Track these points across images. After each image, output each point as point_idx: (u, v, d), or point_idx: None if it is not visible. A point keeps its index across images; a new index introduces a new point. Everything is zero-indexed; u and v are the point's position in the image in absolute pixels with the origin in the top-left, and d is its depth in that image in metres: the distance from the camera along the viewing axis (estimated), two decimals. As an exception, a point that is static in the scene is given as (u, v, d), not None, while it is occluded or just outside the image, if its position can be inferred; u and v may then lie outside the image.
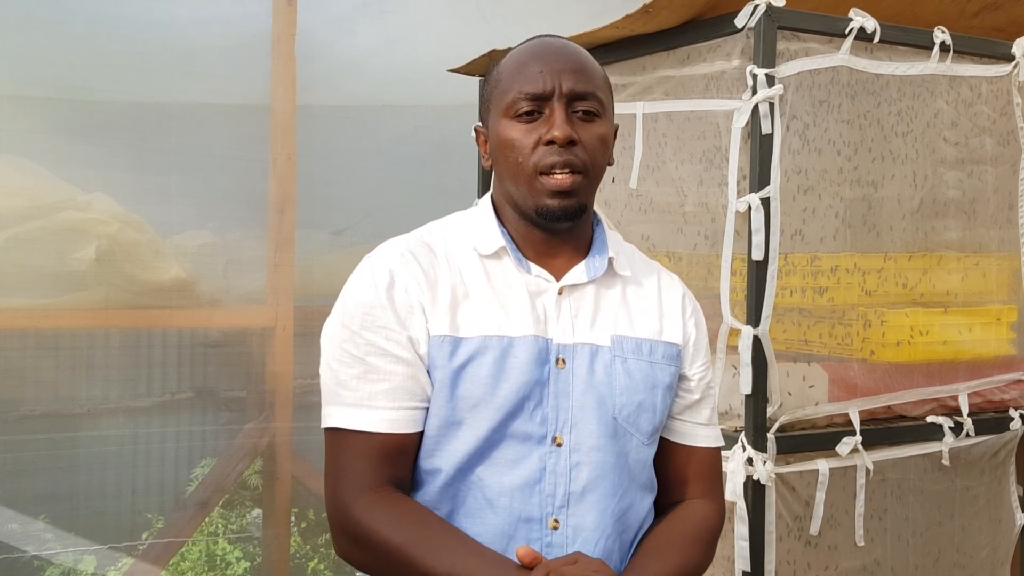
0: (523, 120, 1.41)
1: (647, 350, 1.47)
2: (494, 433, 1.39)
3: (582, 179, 1.41)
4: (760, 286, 1.98)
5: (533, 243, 1.46)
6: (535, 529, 1.39)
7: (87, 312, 2.93)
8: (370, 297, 1.41)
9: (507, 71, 1.46)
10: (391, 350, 1.39)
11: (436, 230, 1.49)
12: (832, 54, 2.06)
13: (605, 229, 1.53)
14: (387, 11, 3.48)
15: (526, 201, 1.42)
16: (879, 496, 2.16)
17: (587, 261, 1.47)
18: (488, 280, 1.44)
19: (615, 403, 1.43)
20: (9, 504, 2.96)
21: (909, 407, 2.21)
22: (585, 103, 1.42)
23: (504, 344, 1.40)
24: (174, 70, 3.08)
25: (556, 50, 1.45)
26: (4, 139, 2.89)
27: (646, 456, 1.48)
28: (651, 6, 2.09)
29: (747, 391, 1.98)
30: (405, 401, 1.40)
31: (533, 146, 1.40)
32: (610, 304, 1.48)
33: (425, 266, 1.42)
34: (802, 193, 2.06)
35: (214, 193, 3.10)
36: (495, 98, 1.47)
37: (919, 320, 2.17)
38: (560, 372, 1.42)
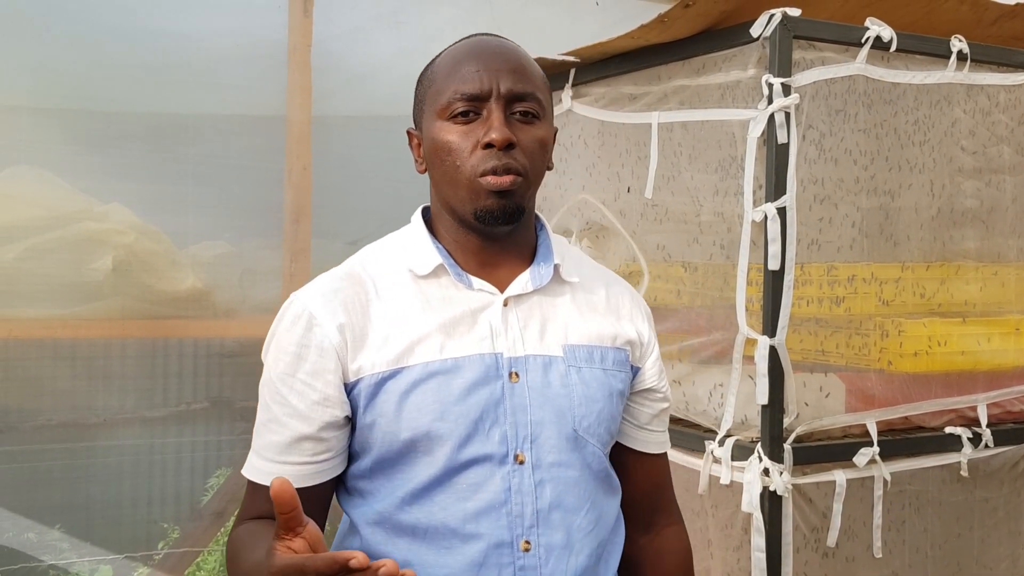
0: (459, 122, 1.35)
1: (599, 357, 1.43)
2: (452, 460, 1.34)
3: (522, 181, 1.35)
4: (776, 296, 1.97)
5: (474, 253, 1.41)
6: (506, 553, 1.34)
7: (104, 322, 2.95)
8: (286, 343, 1.37)
9: (442, 70, 1.39)
10: (293, 402, 1.35)
11: (368, 257, 1.44)
12: (848, 63, 2.05)
13: (549, 234, 1.48)
14: (402, 22, 3.49)
15: (464, 205, 1.36)
16: (897, 507, 2.15)
17: (532, 269, 1.42)
18: (426, 302, 1.38)
19: (574, 414, 1.39)
20: (26, 513, 2.97)
21: (927, 418, 2.19)
22: (524, 104, 1.37)
23: (449, 367, 1.35)
24: (190, 81, 3.09)
25: (494, 50, 1.39)
26: (22, 150, 2.91)
27: (606, 464, 1.45)
28: (666, 16, 2.09)
29: (764, 401, 1.97)
30: (295, 456, 1.36)
31: (471, 149, 1.35)
32: (559, 312, 1.43)
33: (351, 304, 1.37)
34: (818, 203, 2.05)
35: (230, 203, 3.12)
36: (429, 99, 1.40)
37: (937, 330, 2.16)
38: (515, 386, 1.37)
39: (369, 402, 1.35)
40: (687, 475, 2.18)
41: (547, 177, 2.69)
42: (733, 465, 2.02)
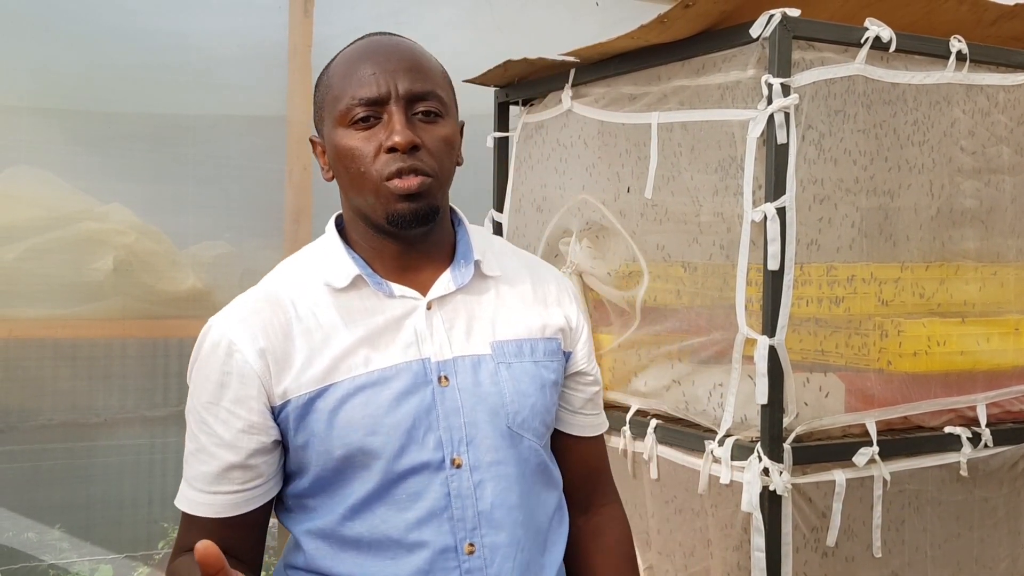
0: (360, 127, 1.33)
1: (528, 350, 1.43)
2: (388, 472, 1.33)
3: (430, 182, 1.33)
4: (776, 296, 1.98)
5: (392, 259, 1.39)
6: (451, 558, 1.34)
7: (104, 322, 2.96)
8: (208, 371, 1.34)
9: (337, 75, 1.37)
10: (219, 431, 1.33)
11: (285, 274, 1.41)
12: (848, 63, 2.05)
13: (468, 229, 1.46)
14: (403, 22, 3.49)
15: (375, 211, 1.34)
16: (896, 507, 2.15)
17: (452, 268, 1.41)
18: (348, 316, 1.36)
19: (507, 411, 1.38)
20: (26, 513, 2.97)
21: (926, 417, 2.19)
22: (425, 103, 1.34)
23: (376, 379, 1.34)
24: (191, 81, 3.10)
25: (388, 49, 1.36)
26: (22, 150, 2.91)
27: (544, 456, 1.45)
28: (666, 16, 2.09)
29: (763, 401, 1.97)
30: (225, 486, 1.34)
31: (375, 154, 1.33)
32: (484, 309, 1.42)
33: (270, 327, 1.34)
34: (818, 203, 2.06)
35: (230, 203, 3.13)
36: (328, 106, 1.37)
37: (936, 330, 2.16)
38: (445, 390, 1.36)
39: (299, 424, 1.33)
40: (687, 475, 2.18)
41: (547, 177, 2.71)
42: (733, 465, 2.02)
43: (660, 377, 2.29)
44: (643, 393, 2.35)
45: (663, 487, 2.27)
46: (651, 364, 2.33)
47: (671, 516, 2.26)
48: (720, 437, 2.07)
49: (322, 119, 1.40)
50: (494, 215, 2.91)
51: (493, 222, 2.91)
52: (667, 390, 2.27)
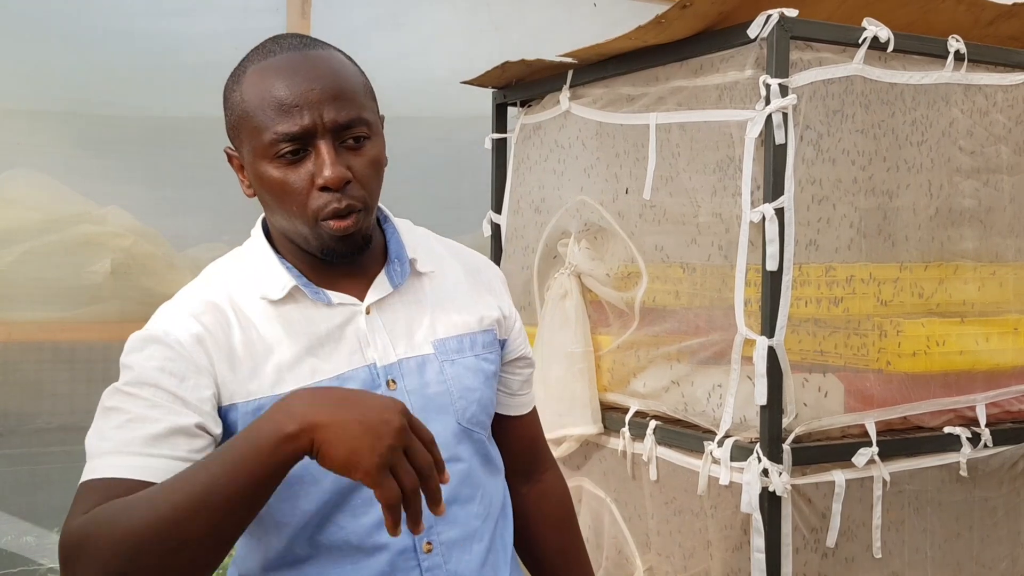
0: (287, 161, 1.28)
1: (468, 344, 1.43)
2: (340, 480, 1.29)
3: (363, 214, 1.31)
4: (775, 297, 1.97)
5: (325, 268, 1.36)
6: (411, 558, 1.35)
7: (103, 325, 2.96)
8: (143, 366, 1.25)
9: (255, 99, 1.29)
10: (158, 400, 1.23)
11: (218, 284, 1.35)
12: (846, 64, 2.05)
13: (396, 227, 1.44)
14: (401, 24, 3.50)
15: (309, 243, 1.32)
16: (896, 508, 2.15)
17: (387, 270, 1.40)
18: (288, 327, 1.33)
19: (456, 408, 1.39)
20: (25, 517, 2.97)
21: (926, 418, 2.19)
22: (352, 131, 1.30)
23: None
24: (188, 83, 3.10)
25: (308, 72, 1.28)
26: (20, 153, 2.91)
27: (488, 446, 1.46)
28: (663, 17, 2.09)
29: (762, 402, 1.97)
30: (163, 448, 1.21)
31: (306, 190, 1.28)
32: (422, 308, 1.41)
33: (215, 330, 1.29)
34: (816, 203, 2.05)
35: (228, 205, 3.11)
36: (247, 133, 1.31)
37: (935, 330, 2.16)
38: (394, 394, 1.34)
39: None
40: (686, 476, 2.18)
41: (545, 178, 2.71)
42: (732, 466, 2.02)
43: (659, 378, 2.29)
44: (642, 394, 2.34)
45: (662, 488, 2.26)
46: (650, 365, 2.33)
47: (671, 517, 2.25)
48: (719, 438, 2.07)
49: (240, 141, 1.34)
50: (492, 216, 2.91)
51: (491, 223, 2.91)
52: (666, 391, 2.27)
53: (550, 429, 2.47)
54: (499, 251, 2.89)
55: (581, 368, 2.44)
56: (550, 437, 2.48)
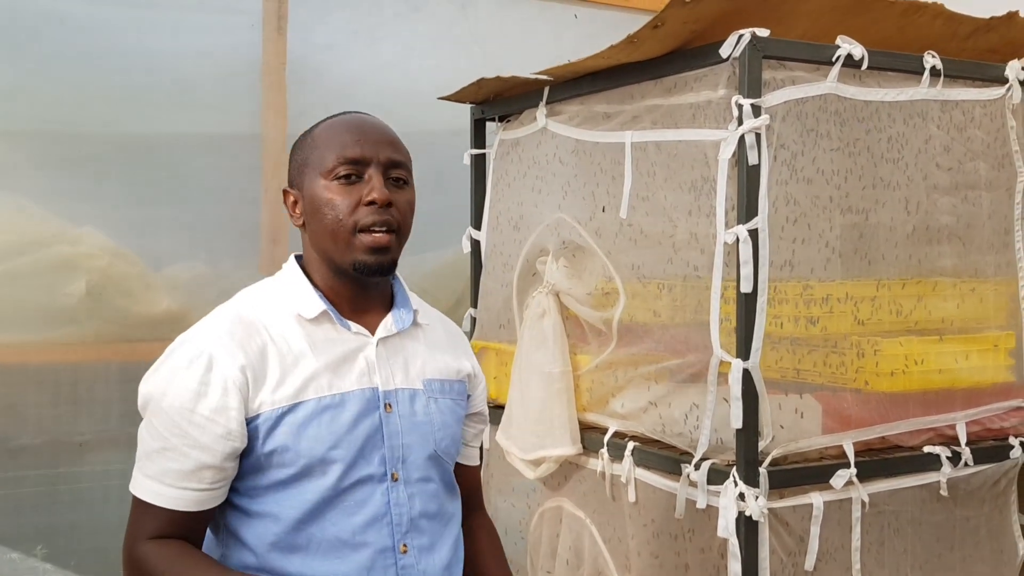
0: (343, 183, 1.57)
1: (448, 388, 1.71)
2: (341, 481, 1.55)
3: (396, 238, 1.59)
4: (750, 318, 1.95)
5: (347, 300, 1.63)
6: (389, 556, 1.58)
7: (79, 346, 2.93)
8: (186, 380, 1.51)
9: (324, 139, 1.61)
10: (194, 435, 1.50)
11: (254, 301, 1.61)
12: (819, 82, 2.03)
13: (402, 283, 1.72)
14: (379, 37, 3.47)
15: (343, 257, 1.58)
16: (876, 529, 2.13)
17: (394, 314, 1.67)
18: (313, 344, 1.58)
19: (435, 438, 1.66)
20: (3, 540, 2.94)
21: (905, 437, 2.17)
22: (397, 171, 1.61)
23: (337, 401, 1.56)
24: (163, 101, 3.07)
25: (373, 125, 1.63)
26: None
27: (452, 475, 1.73)
28: (635, 36, 2.07)
29: (738, 425, 1.95)
30: (195, 484, 1.51)
31: (353, 207, 1.56)
32: (417, 351, 1.68)
33: (246, 346, 1.53)
34: (791, 223, 2.03)
35: (205, 224, 3.09)
36: (313, 162, 1.60)
37: (914, 349, 2.14)
38: (389, 416, 1.61)
39: (269, 434, 1.53)
40: (664, 498, 2.16)
41: (524, 194, 2.68)
42: (709, 489, 2.00)
43: (637, 399, 2.27)
44: (620, 415, 2.32)
45: (641, 510, 2.24)
46: (628, 385, 2.31)
47: (650, 539, 2.23)
48: (696, 461, 2.05)
49: (303, 173, 1.62)
50: (472, 233, 2.88)
51: (471, 240, 2.89)
52: (644, 412, 2.25)
53: (529, 450, 2.45)
54: (479, 267, 2.87)
55: (559, 388, 2.42)
56: (528, 458, 2.46)
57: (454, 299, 3.49)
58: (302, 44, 3.25)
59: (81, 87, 2.97)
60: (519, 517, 2.74)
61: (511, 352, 2.62)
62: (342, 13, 3.40)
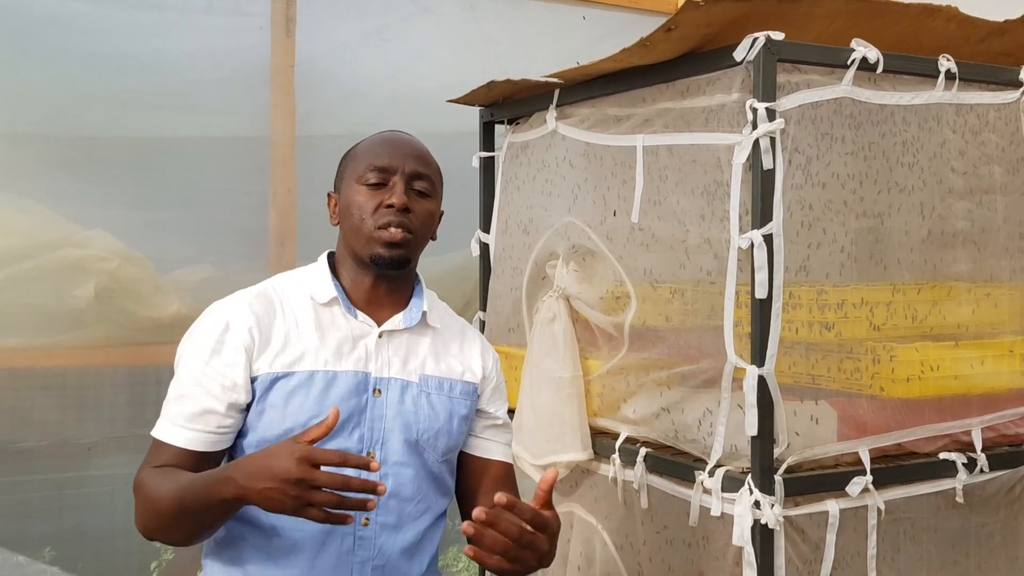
0: (371, 187, 1.78)
1: (448, 387, 1.86)
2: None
3: (411, 237, 1.78)
4: (764, 325, 1.93)
5: (364, 291, 1.83)
6: (350, 526, 1.67)
7: (87, 350, 2.91)
8: (207, 338, 1.73)
9: (362, 150, 1.84)
10: (206, 384, 1.71)
11: (279, 282, 1.85)
12: (834, 86, 2.01)
13: (423, 289, 1.90)
14: (389, 39, 3.46)
15: (364, 249, 1.78)
16: (892, 536, 2.11)
17: (405, 312, 1.84)
18: (319, 324, 1.78)
19: (418, 428, 1.80)
20: (12, 547, 2.92)
21: (920, 444, 2.15)
22: (421, 183, 1.81)
23: (328, 377, 1.74)
24: (172, 104, 3.06)
25: (404, 140, 1.85)
26: (0, 177, 2.86)
27: (442, 469, 1.85)
28: (648, 39, 2.05)
29: (753, 433, 1.93)
30: (200, 425, 1.71)
31: (375, 208, 1.77)
32: (421, 348, 1.85)
33: (260, 316, 1.75)
34: (806, 228, 2.01)
35: (214, 227, 3.08)
36: (349, 169, 1.83)
37: (930, 355, 2.12)
38: (376, 400, 1.78)
39: (263, 394, 1.73)
40: (678, 505, 2.14)
41: (533, 198, 2.67)
42: (723, 497, 1.98)
43: (649, 404, 2.25)
44: (632, 420, 2.30)
45: (654, 516, 2.23)
46: (640, 390, 2.29)
47: (662, 546, 2.22)
48: (710, 467, 2.03)
49: (343, 178, 1.85)
50: (481, 236, 2.87)
51: (480, 243, 2.87)
52: (656, 417, 2.23)
53: (539, 455, 2.44)
54: (488, 271, 2.86)
55: (570, 393, 2.40)
56: (539, 463, 2.45)
57: (462, 302, 3.47)
58: (311, 46, 3.24)
59: (89, 89, 2.96)
60: (529, 522, 2.72)
61: (520, 356, 2.60)
62: (351, 15, 3.38)
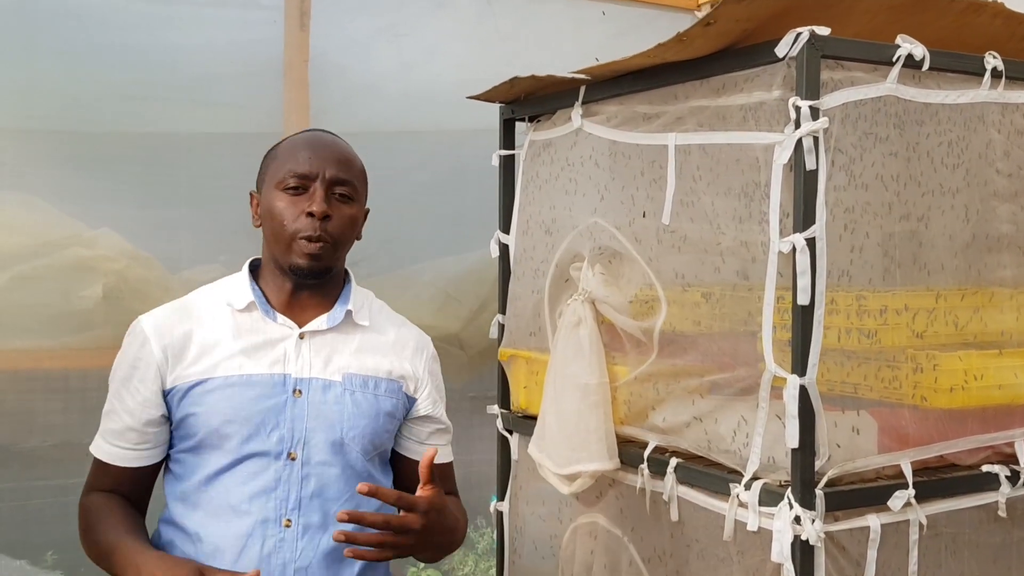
0: (290, 193, 1.80)
1: (372, 385, 1.88)
2: (237, 452, 1.77)
3: (330, 247, 1.81)
4: (806, 332, 1.85)
5: (285, 295, 1.86)
6: (271, 527, 1.77)
7: (95, 352, 2.82)
8: (128, 355, 1.83)
9: (283, 152, 1.85)
10: (127, 401, 1.81)
11: (201, 293, 1.91)
12: (879, 83, 1.93)
13: (352, 287, 1.93)
14: (402, 34, 3.38)
15: (283, 258, 1.82)
16: (932, 551, 2.03)
17: (329, 313, 1.87)
18: (237, 330, 1.82)
19: (342, 427, 1.83)
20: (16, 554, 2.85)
21: (962, 456, 2.07)
22: (342, 188, 1.83)
23: (244, 381, 1.79)
24: (182, 99, 2.97)
25: (326, 143, 1.86)
26: (6, 174, 2.79)
27: (371, 467, 1.88)
28: (685, 34, 1.97)
29: (794, 445, 1.85)
30: (122, 442, 1.82)
31: (296, 216, 1.79)
32: (346, 348, 1.87)
33: (176, 329, 1.81)
34: (849, 231, 1.94)
35: (224, 226, 2.99)
36: (270, 172, 1.85)
37: (973, 363, 2.04)
38: (296, 400, 1.81)
39: (180, 403, 1.80)
40: (710, 519, 2.06)
41: (556, 198, 2.59)
42: (761, 511, 1.90)
43: (680, 412, 2.18)
44: (661, 429, 2.23)
45: (685, 529, 2.15)
46: (669, 398, 2.21)
47: (692, 560, 2.14)
48: (747, 480, 1.95)
49: (264, 181, 1.88)
50: (500, 237, 2.79)
51: (499, 244, 2.79)
52: (687, 426, 2.15)
53: (563, 464, 2.36)
54: (507, 272, 2.78)
55: (596, 400, 2.32)
56: (563, 472, 2.37)
57: (478, 304, 3.39)
58: (324, 41, 3.15)
59: (98, 84, 2.87)
60: (549, 532, 2.64)
61: (542, 361, 2.53)
62: (365, 10, 3.30)
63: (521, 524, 2.77)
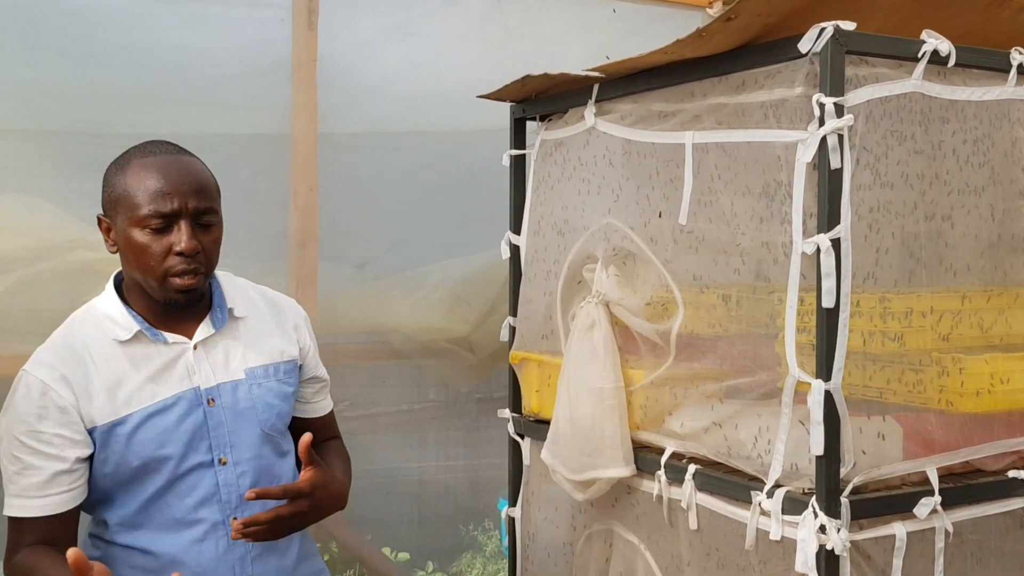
0: (154, 231, 1.75)
1: (273, 371, 1.93)
2: (174, 472, 1.81)
3: (203, 276, 1.81)
4: (831, 335, 1.80)
5: (163, 314, 1.84)
6: (220, 529, 1.84)
7: (100, 356, 2.78)
8: (25, 408, 1.76)
9: (135, 182, 1.77)
10: (44, 451, 1.75)
11: (78, 331, 1.84)
12: (904, 80, 1.88)
13: (220, 283, 1.93)
14: (411, 34, 3.33)
15: (156, 292, 1.79)
16: (958, 559, 1.98)
17: (210, 316, 1.88)
18: (133, 361, 1.81)
19: (260, 419, 1.89)
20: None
21: (988, 461, 2.02)
22: (205, 216, 1.80)
23: (161, 407, 1.80)
24: (189, 100, 2.93)
25: (181, 171, 1.79)
26: (11, 176, 2.74)
27: (282, 440, 1.96)
28: (705, 30, 1.92)
29: (819, 452, 1.80)
30: (55, 489, 1.77)
31: (164, 254, 1.76)
32: (238, 344, 1.90)
33: (72, 371, 1.77)
34: (875, 232, 1.89)
35: (232, 227, 2.91)
36: (124, 207, 1.77)
37: (1000, 367, 1.99)
38: (213, 410, 1.85)
39: (103, 443, 1.79)
40: (730, 526, 2.01)
41: (568, 198, 2.54)
42: (785, 520, 1.85)
43: (698, 418, 2.13)
44: (678, 435, 2.18)
45: (703, 538, 2.10)
46: (686, 403, 2.16)
47: (711, 569, 2.09)
48: (769, 488, 1.91)
49: (116, 211, 1.80)
50: (511, 238, 2.74)
51: (510, 245, 2.74)
52: (706, 432, 2.11)
53: (577, 470, 2.31)
54: (518, 274, 2.73)
55: (611, 405, 2.27)
56: (577, 478, 2.32)
57: (487, 306, 3.34)
58: (332, 41, 3.11)
59: (104, 85, 2.83)
60: (563, 538, 2.59)
61: (554, 364, 2.48)
62: (374, 9, 3.26)
63: (533, 530, 2.72)
